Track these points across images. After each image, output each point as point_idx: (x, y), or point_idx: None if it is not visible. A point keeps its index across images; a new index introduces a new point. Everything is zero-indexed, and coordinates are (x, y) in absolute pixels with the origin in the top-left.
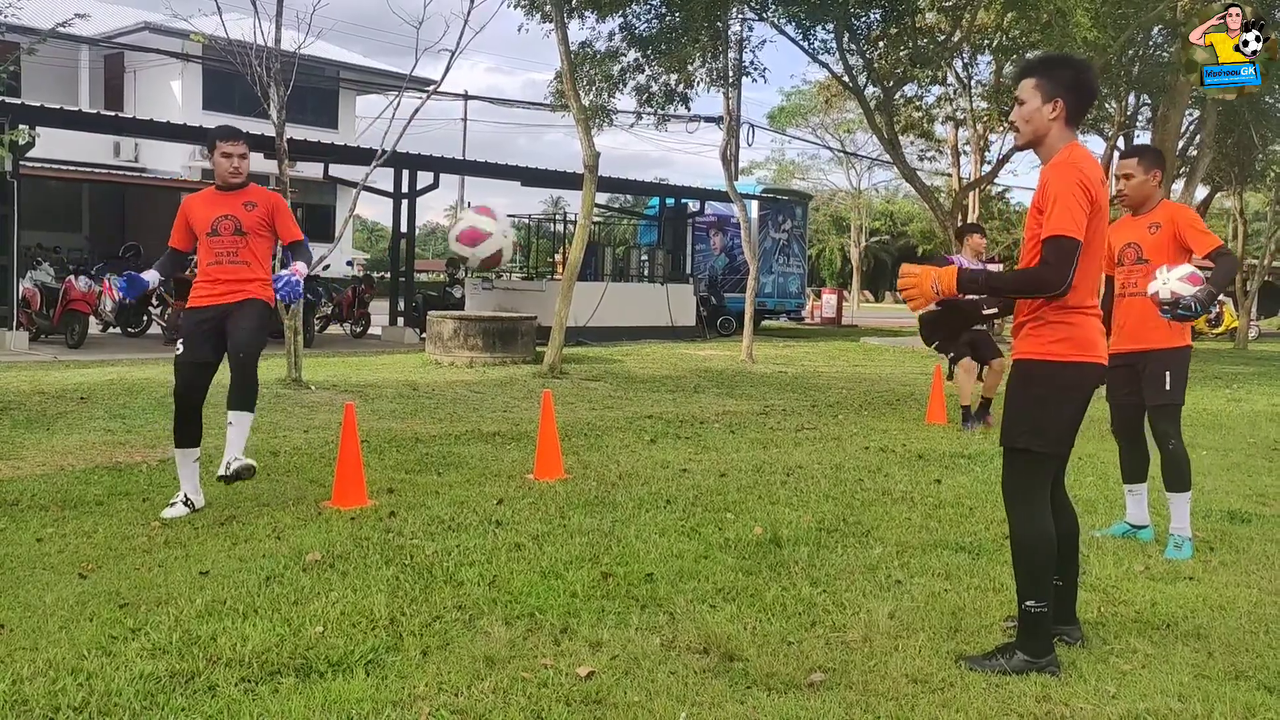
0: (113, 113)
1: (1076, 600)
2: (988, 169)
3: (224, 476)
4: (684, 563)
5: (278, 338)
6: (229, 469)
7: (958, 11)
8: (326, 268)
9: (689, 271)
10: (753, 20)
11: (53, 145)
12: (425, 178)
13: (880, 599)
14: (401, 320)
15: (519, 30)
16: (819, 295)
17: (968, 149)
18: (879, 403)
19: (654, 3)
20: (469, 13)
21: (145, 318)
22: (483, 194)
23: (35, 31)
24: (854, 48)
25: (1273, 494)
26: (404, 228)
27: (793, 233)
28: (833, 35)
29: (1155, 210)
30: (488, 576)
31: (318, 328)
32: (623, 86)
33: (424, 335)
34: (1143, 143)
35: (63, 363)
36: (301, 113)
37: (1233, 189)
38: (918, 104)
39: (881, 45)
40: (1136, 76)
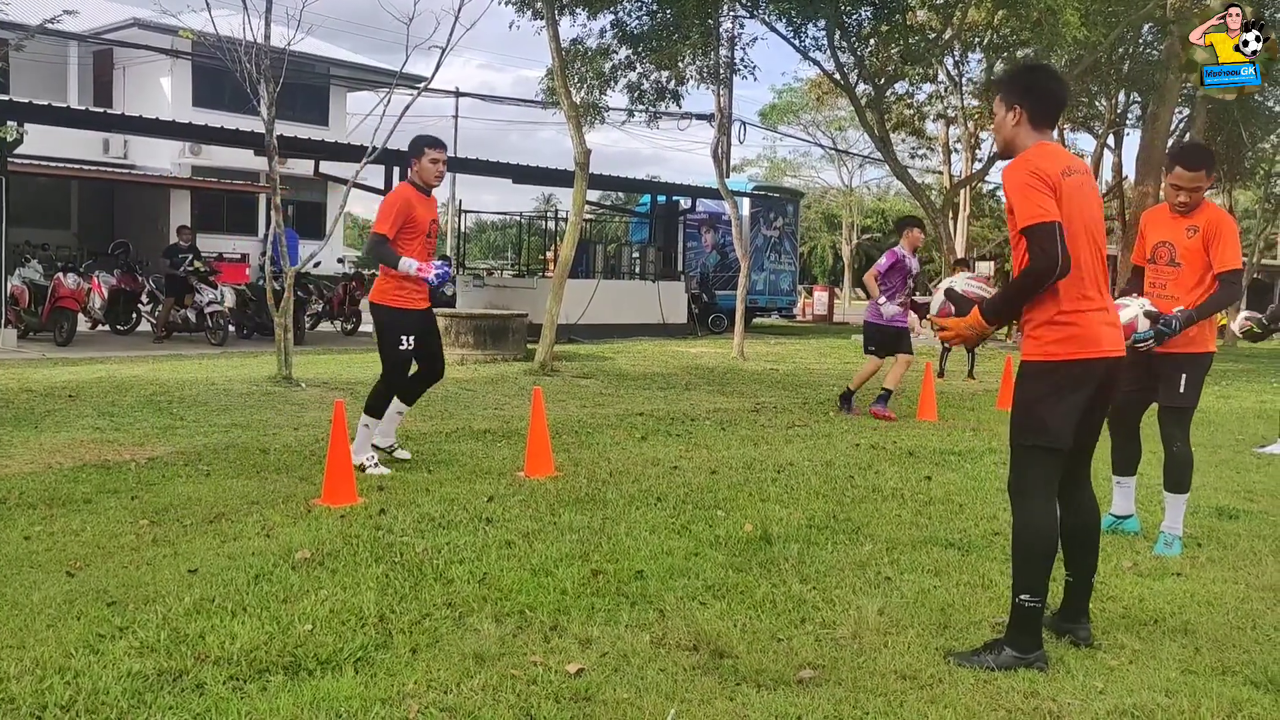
0: (101, 109)
1: (1089, 597)
2: (979, 166)
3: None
4: (674, 560)
5: (268, 334)
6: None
7: (948, 9)
8: (318, 265)
9: (680, 269)
10: (744, 17)
11: (41, 142)
12: None
13: (870, 596)
14: None
15: (510, 27)
16: (810, 293)
17: (959, 146)
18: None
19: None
20: (459, 9)
21: (135, 315)
22: (474, 191)
23: (24, 27)
24: (845, 45)
25: (1260, 490)
26: None
27: (784, 230)
28: (824, 32)
29: (1199, 212)
30: (478, 574)
31: (308, 325)
32: (614, 83)
33: None
34: (1193, 142)
35: (51, 360)
36: (292, 109)
37: (1222, 187)
38: (909, 101)
39: (872, 43)
40: (1126, 74)
